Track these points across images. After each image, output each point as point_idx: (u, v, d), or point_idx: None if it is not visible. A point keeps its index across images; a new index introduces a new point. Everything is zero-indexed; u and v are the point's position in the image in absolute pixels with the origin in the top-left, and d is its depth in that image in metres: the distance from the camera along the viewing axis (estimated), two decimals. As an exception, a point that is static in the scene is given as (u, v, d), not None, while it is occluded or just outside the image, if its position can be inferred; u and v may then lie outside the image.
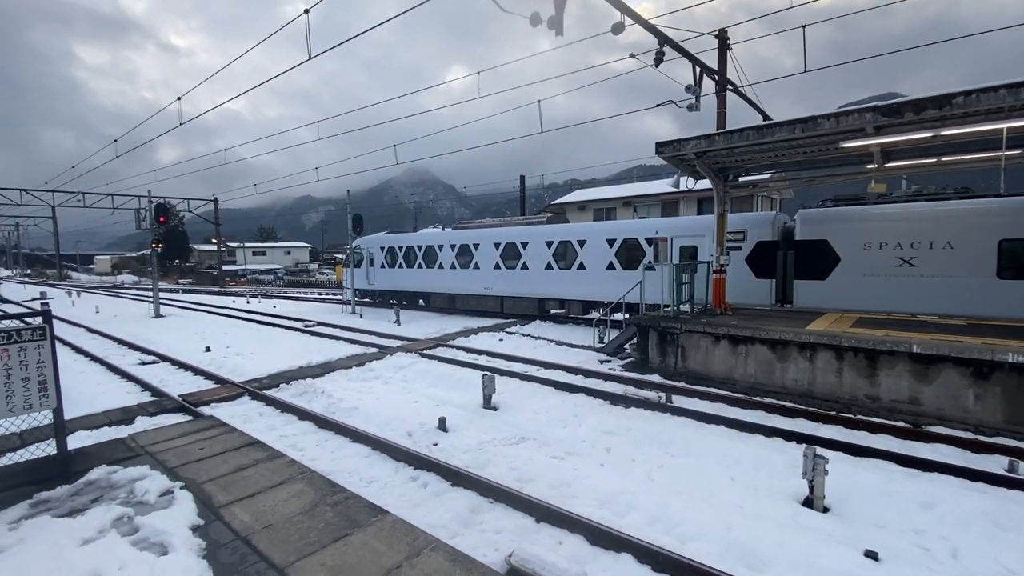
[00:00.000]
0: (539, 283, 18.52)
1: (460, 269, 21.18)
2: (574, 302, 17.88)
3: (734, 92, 14.09)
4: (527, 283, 18.88)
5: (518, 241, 19.24)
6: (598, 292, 16.70)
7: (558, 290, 18.12)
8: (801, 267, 12.68)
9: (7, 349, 4.09)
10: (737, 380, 9.58)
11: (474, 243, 20.77)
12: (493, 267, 19.89)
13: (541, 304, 19.05)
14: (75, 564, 3.11)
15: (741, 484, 5.77)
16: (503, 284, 19.69)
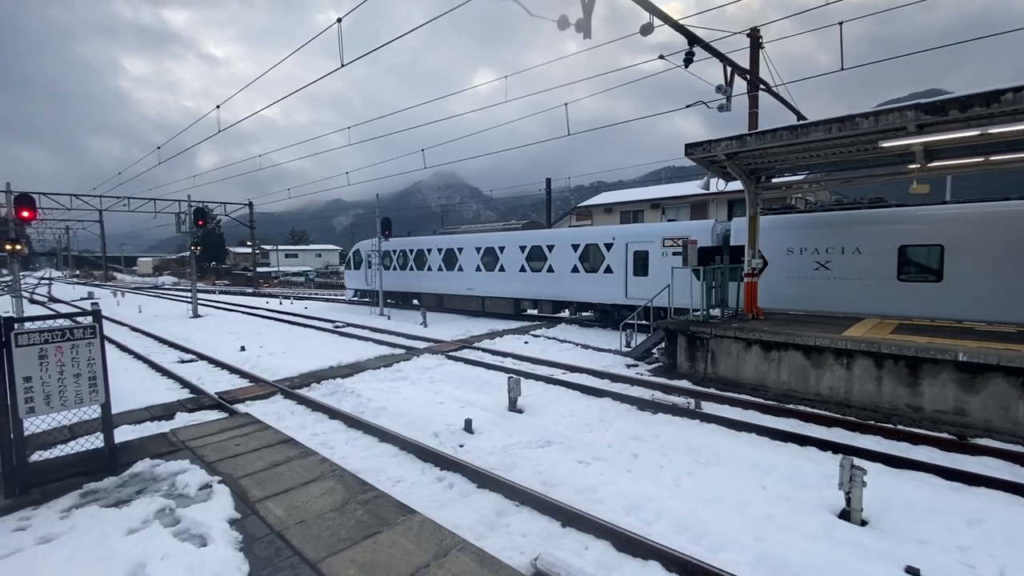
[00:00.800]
0: (515, 284, 20.03)
1: (446, 271, 22.82)
2: (545, 302, 19.36)
3: (767, 92, 13.77)
4: (504, 284, 20.38)
5: (496, 246, 20.77)
6: (565, 292, 18.37)
7: (531, 290, 19.60)
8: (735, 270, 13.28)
9: (61, 347, 4.33)
10: (769, 387, 9.33)
11: (458, 247, 22.33)
12: (475, 269, 21.53)
13: (517, 303, 20.52)
14: (121, 552, 3.27)
15: (773, 494, 5.62)
16: (483, 285, 21.23)
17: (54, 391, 4.31)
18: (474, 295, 21.81)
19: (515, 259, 19.94)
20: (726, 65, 12.10)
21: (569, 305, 19.15)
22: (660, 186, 35.96)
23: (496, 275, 20.75)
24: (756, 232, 11.26)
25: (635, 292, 16.27)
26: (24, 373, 4.16)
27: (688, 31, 10.56)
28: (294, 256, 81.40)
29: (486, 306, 21.57)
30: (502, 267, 20.48)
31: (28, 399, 4.18)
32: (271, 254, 73.91)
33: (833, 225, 12.68)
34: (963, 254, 11.01)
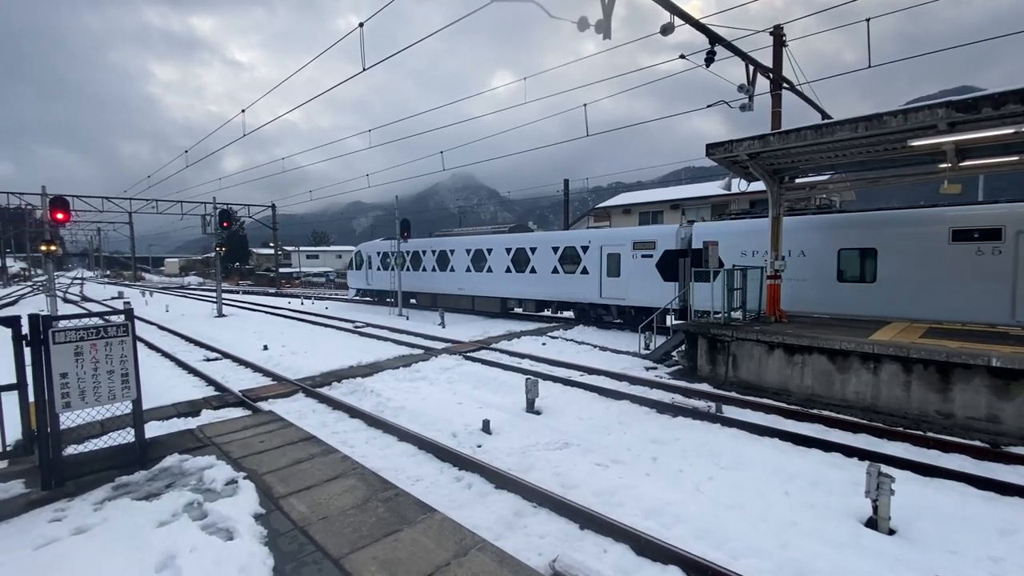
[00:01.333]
0: (501, 284, 21.24)
1: (439, 272, 24.22)
2: (528, 301, 20.59)
3: (790, 90, 13.53)
4: (492, 284, 21.62)
5: (484, 248, 21.98)
6: (546, 292, 19.49)
7: (516, 290, 20.80)
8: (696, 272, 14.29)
9: (95, 344, 4.49)
10: (792, 391, 9.15)
11: (450, 249, 23.70)
12: (465, 270, 22.80)
13: (503, 302, 21.83)
14: (152, 544, 3.37)
15: (797, 500, 5.51)
16: (473, 285, 22.53)
17: (88, 387, 4.46)
18: (465, 294, 23.03)
19: (501, 261, 21.15)
20: (748, 64, 11.93)
21: (550, 304, 20.31)
22: (680, 187, 35.60)
23: (484, 275, 21.95)
24: (779, 234, 11.06)
25: (609, 292, 17.46)
26: (61, 369, 4.32)
27: (709, 30, 10.45)
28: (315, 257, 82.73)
29: (476, 304, 22.80)
30: (489, 268, 21.69)
31: (64, 394, 4.34)
32: (293, 255, 75.25)
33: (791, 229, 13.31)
34: (894, 256, 11.97)
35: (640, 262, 16.51)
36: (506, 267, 20.94)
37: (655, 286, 15.89)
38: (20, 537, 3.59)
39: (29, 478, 4.51)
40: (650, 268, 16.19)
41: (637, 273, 16.47)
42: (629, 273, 16.81)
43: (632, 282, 16.56)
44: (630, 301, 16.72)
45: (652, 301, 15.69)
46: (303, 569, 3.15)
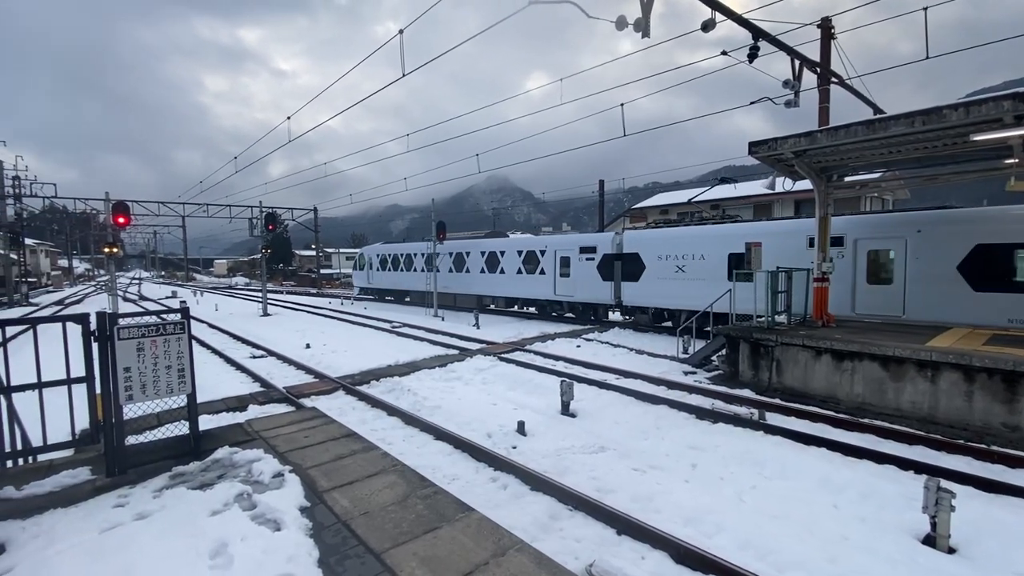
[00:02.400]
0: (477, 284, 24.00)
1: (427, 273, 25.98)
2: (499, 298, 23.42)
3: (839, 85, 12.96)
4: (470, 284, 24.40)
5: (464, 252, 24.82)
6: (513, 290, 22.25)
7: (489, 289, 23.42)
8: (625, 272, 17.82)
9: (155, 341, 4.76)
10: (841, 399, 8.76)
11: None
12: (448, 271, 25.58)
13: (479, 300, 24.62)
14: (207, 532, 3.55)
15: (846, 513, 5.27)
16: (455, 284, 25.30)
17: (149, 381, 4.73)
18: (448, 292, 25.75)
19: (477, 263, 23.89)
20: (794, 59, 11.52)
21: (516, 301, 23.15)
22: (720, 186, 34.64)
23: (464, 276, 24.81)
24: (827, 235, 10.62)
25: (560, 290, 20.31)
26: (124, 364, 4.60)
27: (753, 25, 10.15)
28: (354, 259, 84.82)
29: (457, 301, 25.84)
30: (467, 269, 24.58)
31: (127, 387, 4.62)
32: (333, 257, 77.53)
33: (688, 237, 16.20)
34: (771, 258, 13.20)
35: (585, 264, 19.11)
36: (481, 268, 23.64)
37: (596, 285, 18.73)
38: (88, 520, 3.84)
39: (95, 465, 4.82)
40: (592, 269, 18.88)
41: (582, 274, 19.16)
42: (576, 274, 19.48)
43: (579, 281, 19.36)
44: (577, 298, 19.65)
45: (594, 298, 18.96)
46: (346, 562, 3.24)
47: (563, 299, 20.25)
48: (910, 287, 11.80)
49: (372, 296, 33.12)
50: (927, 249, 11.59)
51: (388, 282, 30.49)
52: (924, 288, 11.60)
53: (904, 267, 11.94)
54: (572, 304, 20.33)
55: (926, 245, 11.62)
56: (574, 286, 19.50)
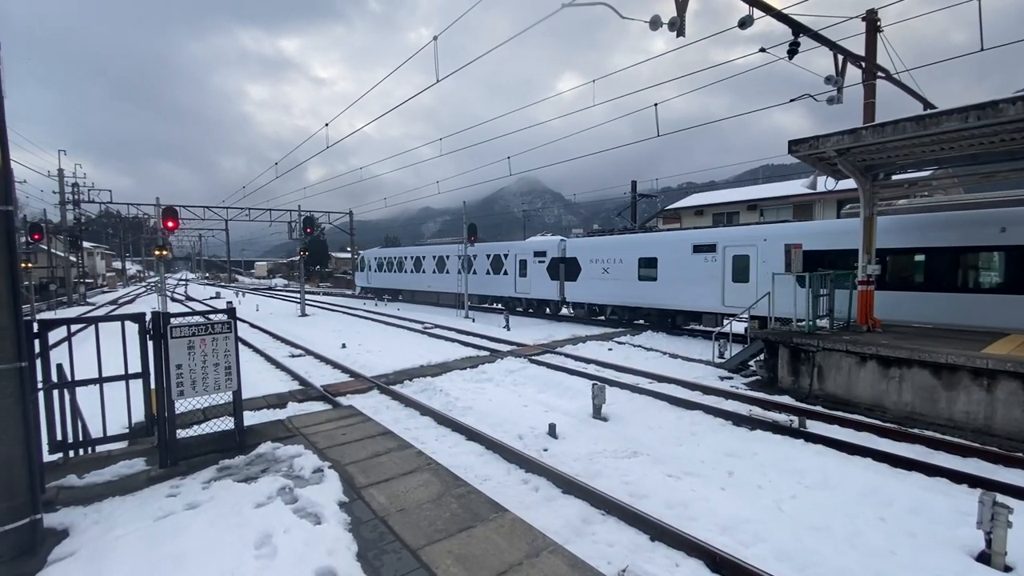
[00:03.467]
0: (456, 284, 26.41)
1: (415, 274, 30.74)
2: (473, 295, 25.58)
3: (886, 79, 12.43)
4: (450, 284, 27.31)
5: (444, 255, 28.23)
6: (483, 290, 25.68)
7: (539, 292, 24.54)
8: (567, 274, 21.14)
9: (204, 339, 5.00)
10: (888, 408, 8.38)
11: (422, 256, 30.25)
12: (432, 272, 29.12)
13: (458, 297, 26.14)
14: (252, 522, 3.70)
15: (893, 527, 5.05)
16: (438, 284, 28.71)
17: (198, 377, 4.98)
18: (432, 291, 29.41)
19: (455, 265, 26.73)
20: (837, 53, 11.13)
21: (487, 299, 26.67)
22: (757, 186, 33.69)
23: (445, 276, 28.02)
24: (872, 236, 10.19)
25: (519, 288, 23.70)
26: (176, 361, 4.86)
27: (793, 20, 9.87)
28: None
29: (440, 299, 29.03)
30: (447, 271, 27.78)
31: (179, 383, 4.87)
32: (367, 259, 79.03)
33: (611, 244, 19.59)
34: (669, 263, 17.14)
35: (538, 266, 22.37)
36: (458, 269, 26.24)
37: (546, 284, 22.13)
38: (143, 508, 4.07)
39: (149, 457, 5.10)
40: (542, 270, 22.21)
41: (536, 274, 22.49)
42: (531, 274, 22.76)
43: (533, 281, 22.66)
44: (532, 295, 22.95)
45: (545, 295, 22.40)
46: (384, 557, 3.32)
47: (521, 296, 23.87)
48: (760, 285, 14.12)
49: (371, 295, 37.12)
50: (770, 255, 14.22)
51: (383, 282, 34.87)
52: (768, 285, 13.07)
53: (756, 269, 14.72)
54: (529, 300, 23.77)
55: (769, 252, 14.26)
56: (530, 285, 22.91)
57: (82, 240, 42.06)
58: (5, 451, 3.47)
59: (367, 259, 37.26)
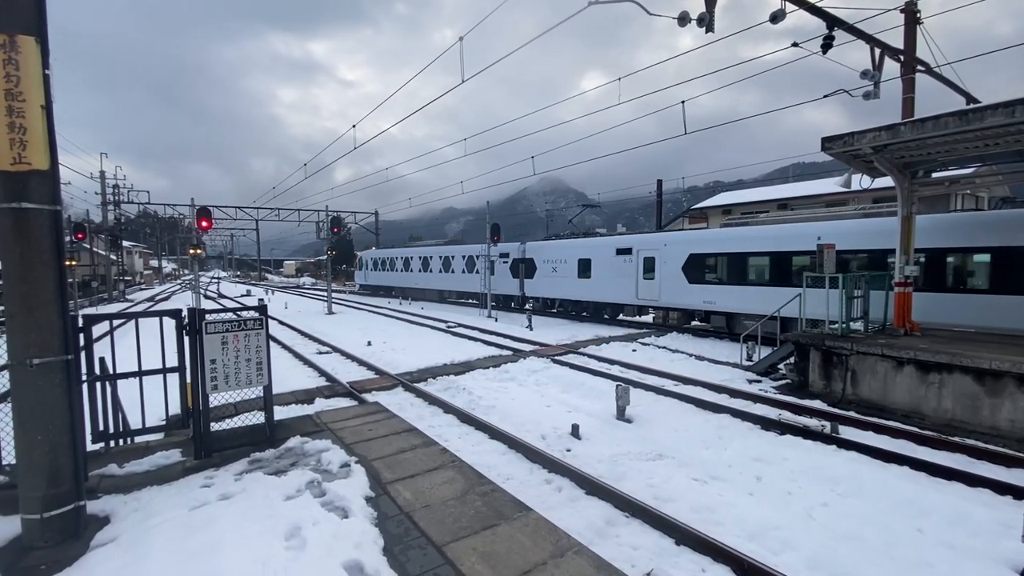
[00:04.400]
0: (437, 281, 31.14)
1: (404, 272, 34.89)
2: (452, 292, 30.61)
3: (926, 73, 11.95)
4: (432, 281, 31.69)
5: (428, 256, 32.08)
6: (459, 287, 29.52)
7: (445, 285, 30.64)
8: (526, 272, 24.48)
9: (237, 336, 5.15)
10: (927, 415, 8.07)
11: (410, 256, 34.17)
12: (418, 271, 33.04)
13: (440, 294, 32.33)
14: (282, 514, 3.80)
15: (932, 539, 4.85)
16: (423, 282, 32.90)
17: (231, 372, 5.13)
18: (418, 288, 33.50)
19: (437, 265, 30.85)
20: (874, 47, 10.75)
21: (464, 295, 30.83)
22: (788, 184, 32.84)
23: (428, 275, 32.07)
24: (912, 236, 9.82)
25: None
26: (211, 356, 5.02)
27: (827, 13, 9.59)
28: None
29: (425, 295, 33.28)
30: (430, 269, 31.69)
31: (213, 378, 5.03)
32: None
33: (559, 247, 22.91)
34: (600, 263, 20.45)
35: (503, 266, 25.86)
36: (439, 268, 30.53)
37: (509, 281, 25.65)
38: (180, 498, 4.22)
39: (184, 448, 5.29)
40: (505, 270, 25.78)
41: (501, 273, 25.86)
42: (498, 273, 25.99)
43: (499, 279, 25.88)
44: (497, 291, 26.10)
45: (508, 291, 25.97)
46: (409, 552, 3.37)
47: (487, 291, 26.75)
48: (662, 281, 17.79)
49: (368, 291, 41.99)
50: (669, 256, 17.55)
51: (378, 280, 39.40)
52: (669, 282, 17.56)
53: (659, 268, 17.90)
54: (495, 296, 26.58)
55: (669, 254, 17.63)
56: (497, 283, 25.83)
57: (122, 239, 43.81)
58: (53, 440, 3.65)
59: (364, 259, 42.45)
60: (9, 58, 3.48)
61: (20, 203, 3.51)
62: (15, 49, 3.49)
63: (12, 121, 3.49)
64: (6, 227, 3.54)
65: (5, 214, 3.52)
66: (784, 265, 14.52)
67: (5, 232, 3.54)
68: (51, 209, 3.68)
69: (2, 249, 3.59)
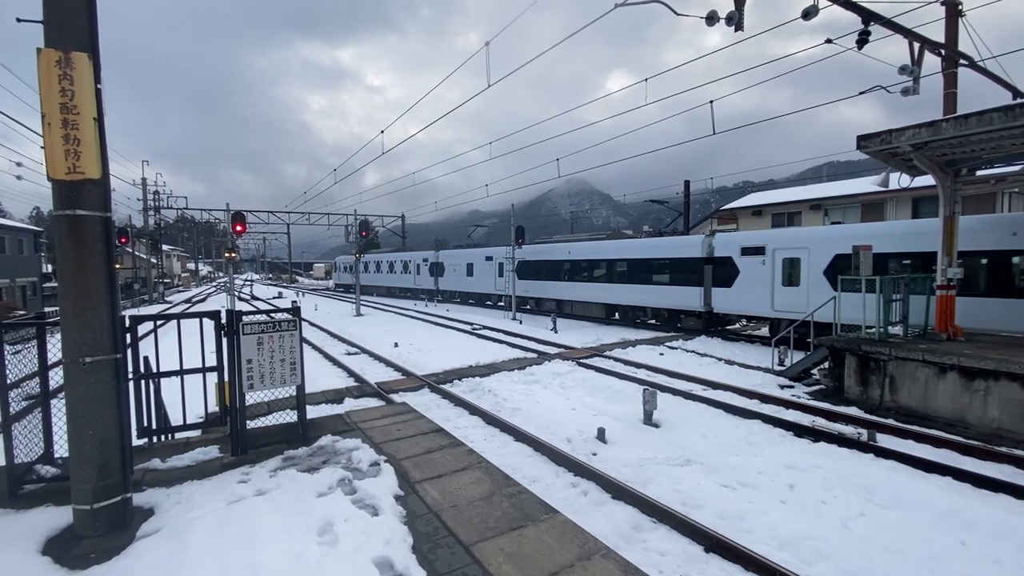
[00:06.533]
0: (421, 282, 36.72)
1: (387, 274, 42.15)
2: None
3: (969, 67, 11.44)
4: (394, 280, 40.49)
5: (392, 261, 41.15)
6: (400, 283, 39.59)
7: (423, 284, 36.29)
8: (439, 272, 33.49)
9: (272, 336, 5.32)
10: (971, 423, 7.72)
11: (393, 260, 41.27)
12: (399, 273, 40.03)
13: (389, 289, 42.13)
14: (315, 511, 3.91)
15: (977, 553, 4.65)
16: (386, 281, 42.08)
17: (267, 372, 5.30)
18: (400, 287, 40.70)
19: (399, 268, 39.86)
20: (912, 41, 10.36)
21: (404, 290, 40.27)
22: (821, 184, 31.84)
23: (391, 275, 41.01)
24: (955, 236, 9.43)
25: (416, 283, 37.13)
26: (247, 356, 5.20)
27: (863, 8, 9.30)
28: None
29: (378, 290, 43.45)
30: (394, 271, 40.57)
31: (249, 377, 5.21)
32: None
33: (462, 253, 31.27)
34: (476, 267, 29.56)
35: (425, 267, 35.29)
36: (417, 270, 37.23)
37: (428, 279, 34.88)
38: (218, 492, 4.38)
39: (222, 445, 5.48)
40: (427, 270, 34.96)
41: (424, 273, 35.57)
42: (422, 273, 35.73)
43: (422, 277, 35.69)
44: (420, 287, 36.28)
45: (428, 287, 35.36)
46: (438, 551, 3.42)
47: (417, 288, 37.36)
48: (508, 280, 22.63)
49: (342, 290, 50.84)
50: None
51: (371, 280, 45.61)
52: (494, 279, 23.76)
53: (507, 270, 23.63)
54: (418, 291, 37.33)
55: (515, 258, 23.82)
56: (423, 280, 35.98)
57: (162, 243, 45.60)
58: (102, 434, 3.85)
59: (338, 264, 54.38)
60: (64, 73, 3.70)
61: (75, 210, 3.73)
62: (70, 65, 3.71)
63: (67, 133, 3.71)
64: (62, 232, 3.75)
65: (61, 220, 3.74)
66: None
67: (61, 237, 3.76)
68: (102, 216, 3.89)
69: (58, 253, 3.81)
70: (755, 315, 16.54)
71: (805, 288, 14.34)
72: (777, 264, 15.18)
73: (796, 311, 13.99)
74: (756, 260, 15.77)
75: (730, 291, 16.49)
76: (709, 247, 17.33)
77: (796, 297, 14.51)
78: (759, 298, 15.53)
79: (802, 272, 14.48)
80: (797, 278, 14.60)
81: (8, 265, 30.29)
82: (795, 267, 14.72)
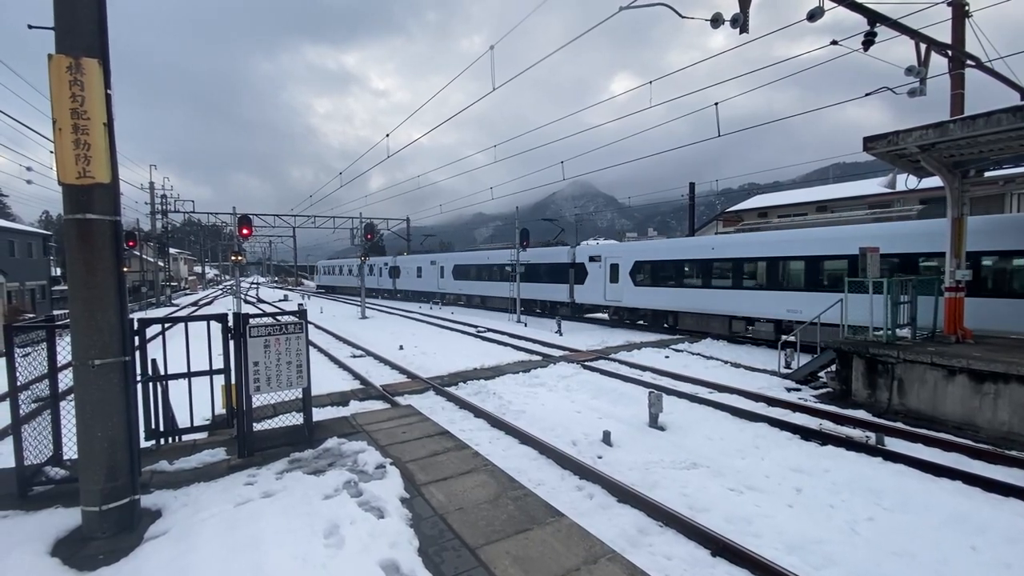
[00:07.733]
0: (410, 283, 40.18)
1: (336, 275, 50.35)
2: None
3: (976, 68, 11.37)
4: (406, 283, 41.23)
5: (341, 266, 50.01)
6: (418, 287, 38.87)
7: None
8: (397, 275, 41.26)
9: (279, 339, 5.34)
10: (981, 427, 7.64)
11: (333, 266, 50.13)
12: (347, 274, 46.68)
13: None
14: (321, 513, 3.92)
15: (988, 558, 4.60)
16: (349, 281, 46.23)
17: (273, 374, 5.32)
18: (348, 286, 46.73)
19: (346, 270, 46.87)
20: (919, 42, 10.31)
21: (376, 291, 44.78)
22: (827, 186, 31.73)
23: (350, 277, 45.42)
24: (963, 238, 9.36)
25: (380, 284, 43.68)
26: (254, 359, 5.22)
27: (869, 9, 9.27)
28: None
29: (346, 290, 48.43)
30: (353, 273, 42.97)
31: (256, 379, 5.23)
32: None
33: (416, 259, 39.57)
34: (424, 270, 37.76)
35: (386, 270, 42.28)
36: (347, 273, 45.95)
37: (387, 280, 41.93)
38: (225, 494, 4.39)
39: (228, 447, 5.50)
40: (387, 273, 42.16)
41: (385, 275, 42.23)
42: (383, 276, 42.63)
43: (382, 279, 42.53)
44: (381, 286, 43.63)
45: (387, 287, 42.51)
46: (444, 554, 3.42)
47: (380, 288, 43.73)
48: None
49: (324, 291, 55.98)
50: (448, 264, 30.94)
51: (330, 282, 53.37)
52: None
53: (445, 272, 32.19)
54: (380, 290, 43.92)
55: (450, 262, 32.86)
56: (385, 282, 42.43)
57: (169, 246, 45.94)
58: (111, 436, 3.87)
59: (319, 266, 61.33)
60: (75, 79, 3.74)
61: (85, 214, 3.76)
62: (80, 71, 3.75)
63: (78, 138, 3.74)
64: (72, 236, 3.79)
65: (71, 224, 3.78)
66: None
67: (71, 240, 3.80)
68: (112, 219, 3.93)
69: (68, 256, 3.85)
70: (596, 304, 22.87)
71: (621, 284, 20.70)
72: (607, 268, 21.34)
73: (617, 301, 21.03)
74: (596, 265, 22.00)
75: (583, 287, 22.83)
76: (572, 255, 23.63)
77: (616, 291, 20.99)
78: (599, 292, 21.68)
79: (620, 273, 20.73)
80: (616, 277, 20.99)
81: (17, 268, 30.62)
82: (615, 270, 20.94)
